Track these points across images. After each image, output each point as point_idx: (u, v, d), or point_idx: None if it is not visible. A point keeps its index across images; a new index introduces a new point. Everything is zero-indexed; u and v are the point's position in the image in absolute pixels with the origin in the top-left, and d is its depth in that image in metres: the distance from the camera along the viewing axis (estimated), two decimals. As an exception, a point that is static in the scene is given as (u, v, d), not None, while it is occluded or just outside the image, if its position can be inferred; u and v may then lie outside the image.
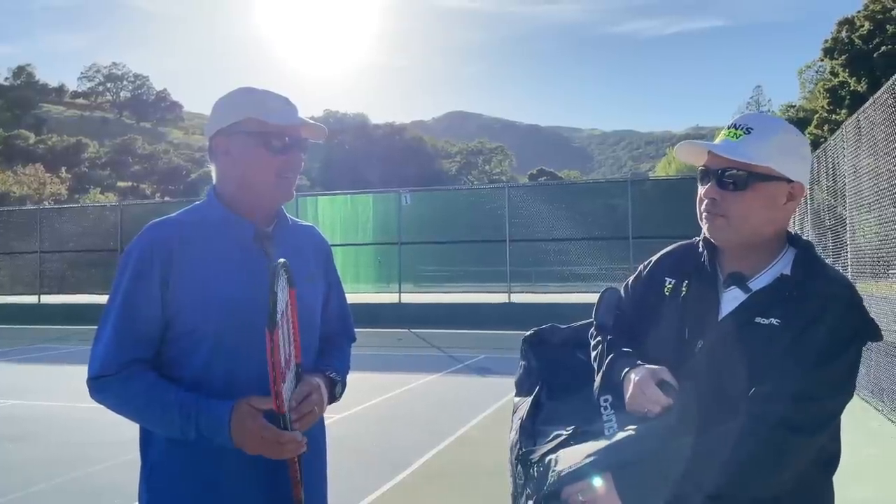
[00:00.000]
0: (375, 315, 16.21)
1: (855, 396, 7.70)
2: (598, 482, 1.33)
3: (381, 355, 11.93)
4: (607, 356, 1.59)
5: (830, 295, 1.43)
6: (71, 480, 5.14)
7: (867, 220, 7.51)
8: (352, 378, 1.87)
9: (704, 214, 1.53)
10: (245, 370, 1.59)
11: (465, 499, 4.77)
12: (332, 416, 6.72)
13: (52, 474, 5.25)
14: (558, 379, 1.67)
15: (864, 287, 7.82)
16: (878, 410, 6.90)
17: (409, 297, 18.45)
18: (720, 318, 1.50)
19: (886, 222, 6.75)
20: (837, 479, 1.49)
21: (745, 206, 1.47)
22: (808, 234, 10.39)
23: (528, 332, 1.81)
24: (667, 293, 1.61)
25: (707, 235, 1.56)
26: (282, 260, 1.53)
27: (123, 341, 1.57)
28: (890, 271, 7.07)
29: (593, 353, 1.66)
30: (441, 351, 13.09)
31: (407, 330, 16.04)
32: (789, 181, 1.48)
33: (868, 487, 4.74)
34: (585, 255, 17.95)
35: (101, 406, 1.62)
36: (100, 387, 1.58)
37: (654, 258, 1.72)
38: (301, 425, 1.55)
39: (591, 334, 1.71)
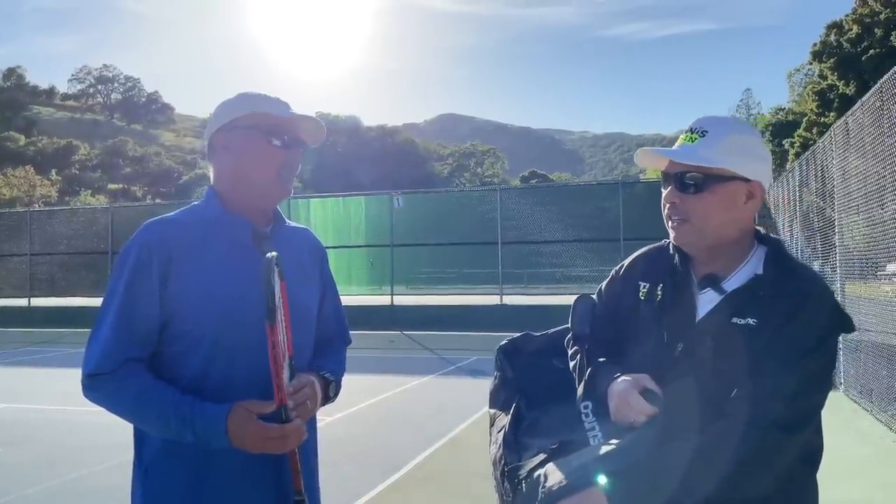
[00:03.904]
0: (368, 317, 16.18)
1: (844, 397, 7.78)
2: (589, 495, 1.32)
3: (374, 357, 11.93)
4: (587, 366, 1.59)
5: (805, 291, 1.45)
6: (62, 484, 5.12)
7: (856, 221, 7.56)
8: (344, 380, 1.87)
9: (669, 222, 1.55)
10: (244, 369, 1.59)
11: (458, 500, 4.78)
12: (325, 418, 6.72)
13: (43, 478, 5.22)
14: (536, 388, 1.67)
15: (852, 288, 7.87)
16: (867, 411, 6.95)
17: (402, 300, 18.45)
18: (697, 320, 1.51)
19: (874, 224, 6.80)
20: (828, 478, 1.50)
21: (704, 208, 1.49)
22: (798, 236, 10.46)
23: (503, 342, 1.80)
24: (642, 297, 1.61)
25: (673, 241, 1.58)
26: (273, 253, 1.53)
27: (121, 339, 1.56)
28: (878, 272, 7.13)
29: (572, 363, 1.65)
30: (433, 353, 13.09)
31: (399, 332, 16.03)
32: (747, 180, 1.50)
33: (858, 487, 4.78)
34: (577, 256, 17.99)
35: (92, 409, 1.61)
36: (95, 385, 1.56)
37: (626, 263, 1.73)
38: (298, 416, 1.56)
39: (568, 342, 1.70)
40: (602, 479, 1.33)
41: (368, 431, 6.77)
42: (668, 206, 1.54)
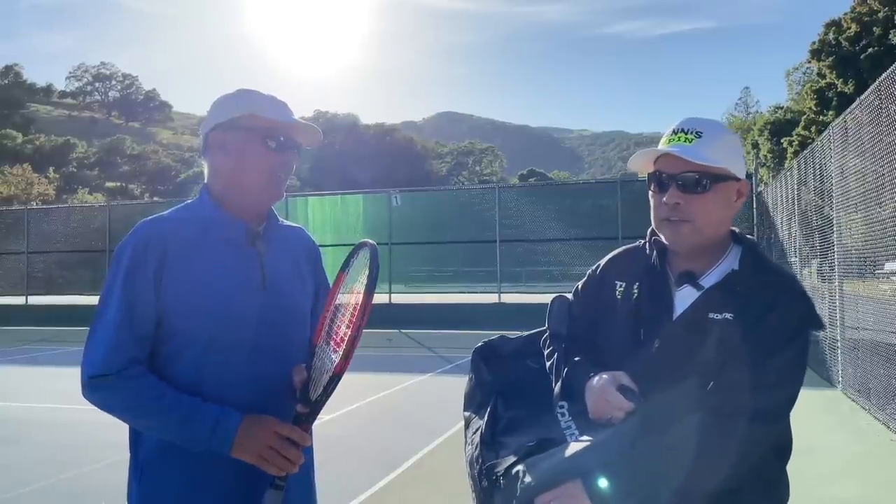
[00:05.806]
0: (365, 316, 16.13)
1: (842, 395, 7.78)
2: (568, 489, 1.33)
3: (372, 356, 11.93)
4: (565, 365, 1.60)
5: (780, 287, 1.49)
6: (58, 482, 5.11)
7: (854, 219, 7.57)
8: (342, 379, 1.87)
9: (666, 221, 1.55)
10: (239, 368, 1.59)
11: (456, 499, 4.77)
12: (323, 416, 6.66)
13: (39, 476, 5.21)
14: (513, 389, 1.68)
15: (850, 287, 7.87)
16: (866, 410, 6.95)
17: (400, 298, 18.42)
18: (675, 316, 1.54)
19: (873, 222, 6.80)
20: (827, 476, 1.51)
21: (707, 208, 1.51)
22: (796, 235, 10.45)
23: (479, 344, 1.81)
24: (619, 296, 1.64)
25: (668, 241, 1.58)
26: (371, 242, 1.57)
27: (124, 339, 1.55)
28: (876, 271, 7.13)
29: (548, 363, 1.67)
30: (431, 351, 13.09)
31: (397, 331, 16.02)
32: (738, 179, 1.55)
33: (856, 485, 4.77)
34: (575, 255, 17.96)
35: (89, 408, 1.60)
36: (98, 385, 1.54)
37: (602, 263, 1.75)
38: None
39: (545, 343, 1.72)
40: (582, 475, 1.33)
41: (366, 430, 6.76)
42: (666, 206, 1.53)
